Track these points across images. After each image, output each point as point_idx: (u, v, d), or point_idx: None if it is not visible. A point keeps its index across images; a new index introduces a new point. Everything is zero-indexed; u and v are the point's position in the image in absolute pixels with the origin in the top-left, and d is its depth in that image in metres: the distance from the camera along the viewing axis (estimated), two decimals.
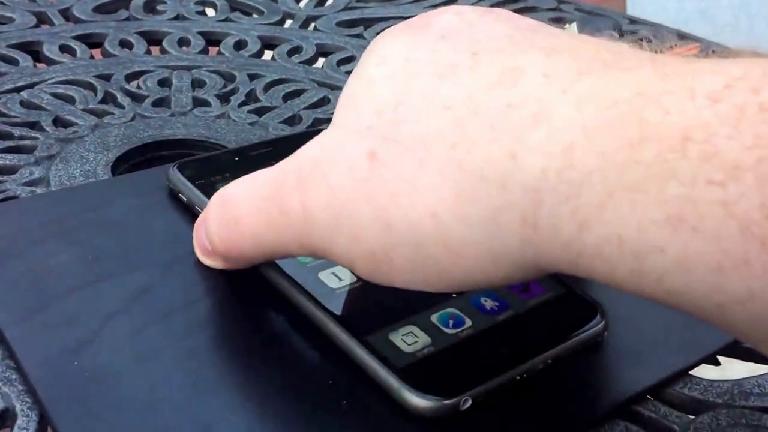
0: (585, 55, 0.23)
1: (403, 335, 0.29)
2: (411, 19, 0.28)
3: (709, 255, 0.20)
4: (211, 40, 0.62)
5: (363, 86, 0.26)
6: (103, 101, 0.51)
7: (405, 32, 0.27)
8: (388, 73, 0.26)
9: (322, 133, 0.27)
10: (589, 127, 0.21)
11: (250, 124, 0.49)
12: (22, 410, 0.27)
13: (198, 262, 0.33)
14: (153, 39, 0.61)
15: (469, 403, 0.27)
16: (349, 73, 0.58)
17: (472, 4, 0.72)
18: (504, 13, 0.27)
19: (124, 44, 0.59)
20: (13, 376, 0.28)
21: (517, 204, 0.22)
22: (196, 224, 0.33)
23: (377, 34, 0.64)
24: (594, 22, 0.68)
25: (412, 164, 0.24)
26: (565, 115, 0.22)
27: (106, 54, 0.58)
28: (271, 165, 0.39)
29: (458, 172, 0.23)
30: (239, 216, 0.29)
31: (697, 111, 0.20)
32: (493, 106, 0.23)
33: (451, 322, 0.30)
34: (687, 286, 0.20)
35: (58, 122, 0.48)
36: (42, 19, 0.62)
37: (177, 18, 0.65)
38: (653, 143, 0.20)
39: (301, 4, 0.70)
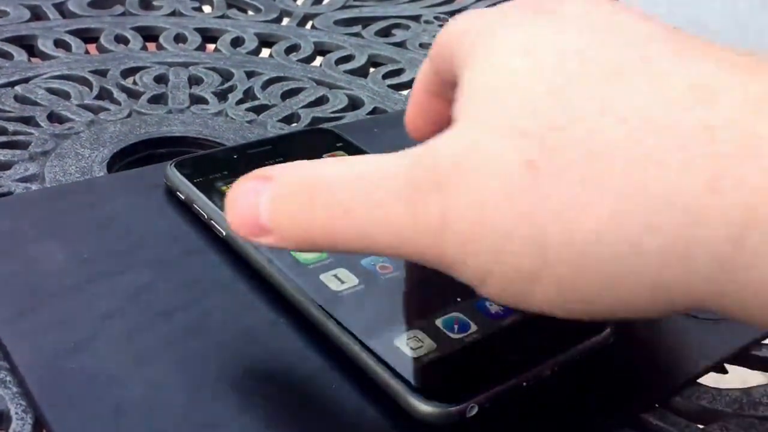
0: None
1: (407, 340, 0.28)
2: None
3: None
4: (208, 36, 0.61)
5: (506, 79, 0.23)
6: (98, 97, 0.50)
7: (535, 18, 0.24)
8: (536, 66, 0.23)
9: (459, 129, 0.24)
10: None
11: (248, 122, 0.48)
12: (17, 413, 0.27)
13: (196, 262, 0.32)
14: (149, 35, 0.60)
15: (476, 409, 0.27)
16: (348, 72, 0.57)
17: (471, 6, 0.72)
18: (628, 6, 0.25)
19: (120, 40, 0.58)
20: (8, 378, 0.28)
21: (711, 241, 0.20)
22: (237, 193, 0.27)
23: (375, 33, 0.64)
24: None
25: (579, 178, 0.21)
26: None
27: (101, 49, 0.57)
28: (271, 164, 0.38)
29: (636, 194, 0.20)
30: (349, 206, 0.25)
31: None
32: (684, 126, 0.20)
33: (456, 326, 0.29)
34: None
35: (53, 117, 0.47)
36: (37, 13, 0.61)
37: (173, 14, 0.64)
38: None
39: (299, 2, 0.70)
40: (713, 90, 0.21)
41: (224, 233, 0.34)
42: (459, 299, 0.30)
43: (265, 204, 0.26)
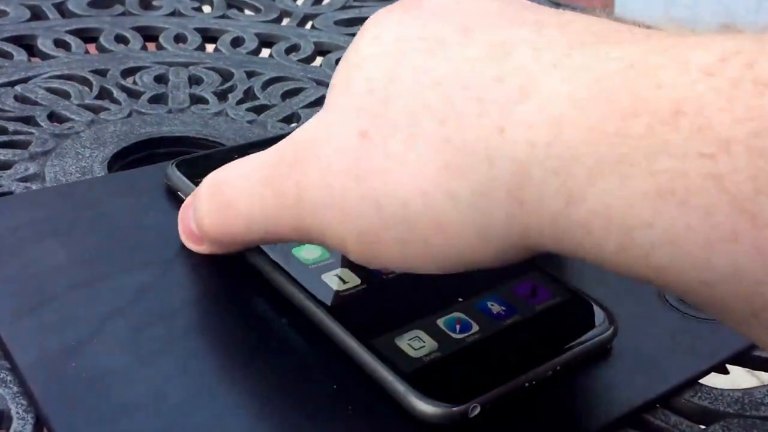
0: (575, 29, 0.23)
1: (409, 340, 0.28)
2: None
3: (698, 230, 0.19)
4: (208, 36, 0.61)
5: (354, 66, 0.26)
6: (98, 97, 0.50)
7: (397, 11, 0.27)
8: (378, 51, 0.26)
9: (316, 115, 0.27)
10: (578, 100, 0.21)
11: (248, 122, 0.48)
12: (18, 413, 0.26)
13: (198, 261, 0.32)
14: (149, 35, 0.60)
15: (478, 410, 0.26)
16: None
17: None
18: None
19: (120, 39, 0.58)
20: (9, 378, 0.28)
21: (505, 179, 0.22)
22: (182, 209, 0.33)
23: None
24: None
25: (402, 141, 0.24)
26: (554, 88, 0.22)
27: (101, 49, 0.57)
28: None
29: (446, 148, 0.23)
30: (234, 200, 0.29)
31: (690, 84, 0.20)
32: (481, 80, 0.23)
33: (457, 326, 0.29)
34: (674, 262, 0.20)
35: (53, 117, 0.47)
36: (36, 12, 0.61)
37: (173, 14, 0.64)
38: (644, 116, 0.20)
39: (299, 2, 0.70)
40: (510, 46, 0.23)
41: None
42: (461, 299, 0.30)
43: (192, 216, 0.32)
